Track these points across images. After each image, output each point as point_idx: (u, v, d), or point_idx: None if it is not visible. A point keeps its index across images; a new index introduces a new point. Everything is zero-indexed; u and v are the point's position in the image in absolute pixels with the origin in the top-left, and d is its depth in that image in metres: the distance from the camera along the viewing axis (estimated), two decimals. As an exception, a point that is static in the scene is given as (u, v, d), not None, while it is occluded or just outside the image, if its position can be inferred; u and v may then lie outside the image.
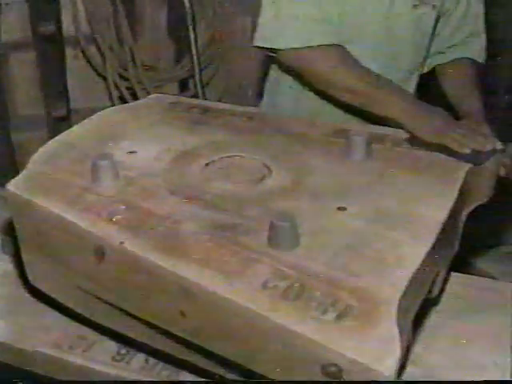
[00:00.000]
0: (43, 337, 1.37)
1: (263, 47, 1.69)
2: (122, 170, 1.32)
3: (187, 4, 3.06)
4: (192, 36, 3.16)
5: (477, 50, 1.87)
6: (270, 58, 1.79)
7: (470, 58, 1.85)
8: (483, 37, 1.88)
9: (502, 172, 1.51)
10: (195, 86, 3.24)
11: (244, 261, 1.08)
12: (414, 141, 1.47)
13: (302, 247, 1.11)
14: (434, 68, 1.91)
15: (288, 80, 1.80)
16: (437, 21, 1.77)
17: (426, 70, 1.90)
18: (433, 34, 1.79)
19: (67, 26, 3.18)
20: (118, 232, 1.16)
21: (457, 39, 1.84)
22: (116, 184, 1.29)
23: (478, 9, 1.85)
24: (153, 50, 3.40)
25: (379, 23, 1.68)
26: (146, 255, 1.11)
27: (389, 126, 1.56)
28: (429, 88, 1.87)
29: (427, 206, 1.24)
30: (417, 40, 1.75)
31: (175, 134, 1.49)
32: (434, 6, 1.71)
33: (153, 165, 1.36)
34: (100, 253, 1.16)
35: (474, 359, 1.30)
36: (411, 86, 1.83)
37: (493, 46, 1.94)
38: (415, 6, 1.68)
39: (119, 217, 1.20)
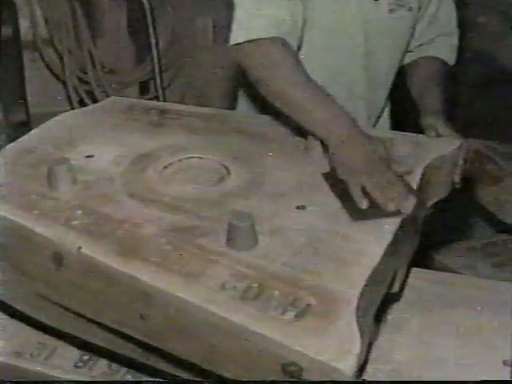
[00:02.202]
0: (3, 345, 1.35)
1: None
2: (79, 175, 1.31)
3: (146, 5, 3.04)
4: (153, 38, 3.15)
5: (445, 49, 1.85)
6: None
7: (437, 58, 1.83)
8: (454, 37, 1.86)
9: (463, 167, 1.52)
10: (156, 88, 3.23)
11: (202, 262, 1.08)
12: (329, 172, 1.32)
13: (260, 247, 1.11)
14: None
15: None
16: (415, 22, 1.75)
17: None
18: (411, 35, 1.77)
19: (25, 30, 3.15)
20: (76, 237, 1.14)
21: (426, 38, 1.83)
22: (73, 189, 1.28)
23: (450, 8, 1.84)
24: (113, 52, 3.38)
25: (356, 29, 1.65)
26: (105, 260, 1.10)
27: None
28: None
29: (386, 202, 1.24)
30: (394, 43, 1.73)
31: (133, 137, 1.48)
32: (410, 9, 1.69)
33: (110, 168, 1.35)
34: (58, 259, 1.15)
35: (439, 354, 1.30)
36: (387, 87, 1.81)
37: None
38: (392, 11, 1.65)
39: (77, 222, 1.18)
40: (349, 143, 1.30)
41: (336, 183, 1.28)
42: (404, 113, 1.86)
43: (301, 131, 1.46)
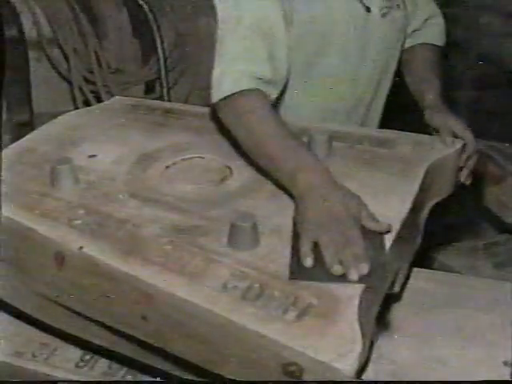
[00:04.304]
0: (4, 346, 1.35)
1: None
2: (81, 175, 1.31)
3: (145, 7, 3.05)
4: (157, 37, 3.15)
5: (435, 33, 1.82)
6: None
7: (429, 44, 1.80)
8: (440, 18, 1.83)
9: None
10: (161, 87, 3.23)
11: (204, 262, 1.08)
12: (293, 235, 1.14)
13: (262, 247, 1.11)
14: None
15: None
16: (407, 18, 1.71)
17: None
18: (405, 32, 1.73)
19: (29, 29, 3.15)
20: (78, 237, 1.15)
21: (414, 26, 1.78)
22: (75, 188, 1.28)
23: None
24: (118, 52, 3.38)
25: (347, 41, 1.59)
26: (106, 260, 1.10)
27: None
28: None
29: (387, 202, 1.24)
30: (387, 42, 1.68)
31: (136, 137, 1.49)
32: (398, 6, 1.65)
33: (113, 168, 1.36)
34: (60, 258, 1.15)
35: (440, 354, 1.30)
36: (386, 88, 1.76)
37: (458, 42, 1.92)
38: (384, 15, 1.62)
39: (79, 221, 1.19)
40: (313, 195, 1.16)
41: (294, 237, 1.13)
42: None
43: (303, 130, 1.46)
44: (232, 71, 1.37)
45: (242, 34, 1.40)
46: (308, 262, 1.06)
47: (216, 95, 1.37)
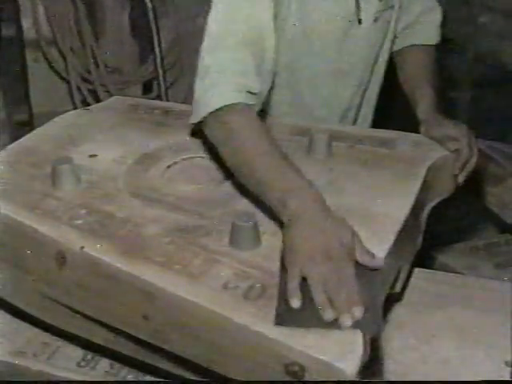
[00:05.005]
0: (6, 345, 1.35)
1: None
2: (82, 174, 1.31)
3: (149, 5, 3.05)
4: (155, 37, 3.15)
5: (428, 32, 1.78)
6: None
7: (421, 45, 1.76)
8: (435, 13, 1.78)
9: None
10: (159, 87, 3.23)
11: (205, 262, 1.08)
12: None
13: (263, 247, 1.11)
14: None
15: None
16: (398, 17, 1.68)
17: None
18: (396, 29, 1.70)
19: (28, 29, 3.16)
20: (79, 237, 1.15)
21: (406, 21, 1.74)
22: (77, 188, 1.28)
23: None
24: (116, 51, 3.38)
25: (340, 50, 1.59)
26: (107, 259, 1.10)
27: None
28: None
29: (388, 202, 1.24)
30: (375, 45, 1.66)
31: (136, 137, 1.49)
32: (392, 7, 1.62)
33: (114, 168, 1.36)
34: (61, 258, 1.15)
35: (441, 354, 1.31)
36: (374, 89, 1.76)
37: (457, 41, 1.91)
38: (376, 19, 1.59)
39: (80, 221, 1.19)
40: (303, 222, 1.05)
41: (283, 270, 1.04)
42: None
43: (304, 130, 1.46)
44: (220, 83, 1.26)
45: (232, 45, 1.31)
46: (295, 302, 0.98)
47: (204, 109, 1.26)
